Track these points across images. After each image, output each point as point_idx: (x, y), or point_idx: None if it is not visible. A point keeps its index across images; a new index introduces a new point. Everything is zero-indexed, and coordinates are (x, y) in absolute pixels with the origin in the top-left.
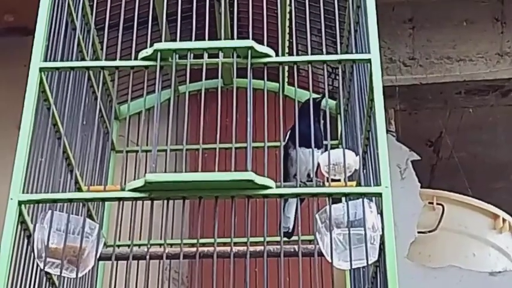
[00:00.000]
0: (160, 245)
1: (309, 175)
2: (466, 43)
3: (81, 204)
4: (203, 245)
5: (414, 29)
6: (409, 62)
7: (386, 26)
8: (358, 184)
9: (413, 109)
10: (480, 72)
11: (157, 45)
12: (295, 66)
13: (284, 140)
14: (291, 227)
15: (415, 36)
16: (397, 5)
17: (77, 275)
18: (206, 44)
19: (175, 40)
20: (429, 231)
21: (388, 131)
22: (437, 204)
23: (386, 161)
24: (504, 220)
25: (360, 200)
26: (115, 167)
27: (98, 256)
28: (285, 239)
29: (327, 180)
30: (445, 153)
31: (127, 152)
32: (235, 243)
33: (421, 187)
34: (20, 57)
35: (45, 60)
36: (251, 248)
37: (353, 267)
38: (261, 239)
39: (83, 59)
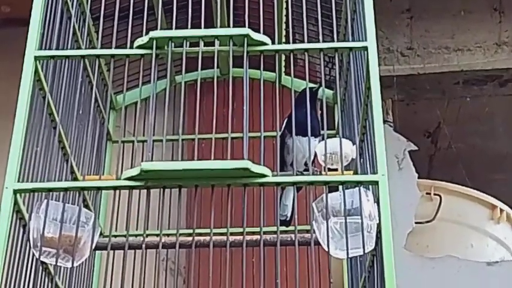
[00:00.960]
0: (156, 235)
1: (306, 164)
2: (464, 33)
3: (77, 193)
4: (200, 234)
5: (412, 19)
6: (407, 52)
7: (384, 16)
8: (355, 173)
9: (411, 99)
10: (478, 62)
11: (152, 33)
12: (291, 56)
13: (280, 129)
14: (289, 214)
15: (413, 26)
16: None
17: (72, 264)
18: (202, 32)
19: (171, 29)
20: (427, 222)
21: (385, 122)
22: (435, 194)
23: (382, 149)
24: (502, 210)
25: (357, 188)
26: (111, 157)
27: (93, 246)
28: (282, 228)
29: (324, 170)
30: (443, 144)
31: (123, 142)
32: (232, 233)
33: (420, 178)
34: (17, 48)
35: (41, 48)
36: (248, 237)
37: (350, 256)
38: (258, 228)
39: (79, 48)
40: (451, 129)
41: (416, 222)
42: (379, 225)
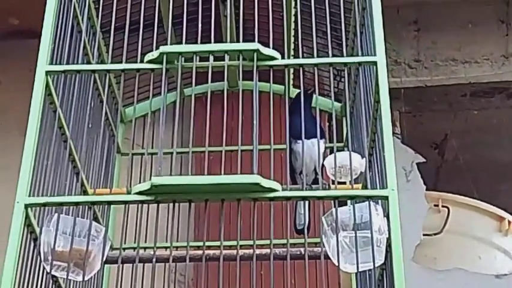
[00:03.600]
0: (166, 247)
1: (315, 169)
2: (471, 45)
3: (87, 207)
4: (209, 247)
5: (419, 31)
6: (414, 64)
7: (391, 28)
8: (364, 187)
9: (419, 111)
10: (485, 74)
11: (163, 48)
12: (300, 69)
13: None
14: (306, 223)
15: (420, 38)
16: (402, 8)
17: (83, 278)
18: (212, 46)
19: (181, 42)
20: (435, 234)
21: (393, 134)
22: (443, 206)
23: (392, 164)
24: (510, 222)
25: (366, 202)
26: (121, 169)
27: (104, 259)
28: (292, 241)
29: (333, 183)
30: (450, 156)
31: (133, 154)
32: (242, 246)
33: (427, 189)
34: (25, 60)
35: (51, 63)
36: (257, 251)
37: (359, 270)
38: (267, 241)
39: (89, 62)
40: (458, 141)
41: (424, 235)
42: (388, 240)
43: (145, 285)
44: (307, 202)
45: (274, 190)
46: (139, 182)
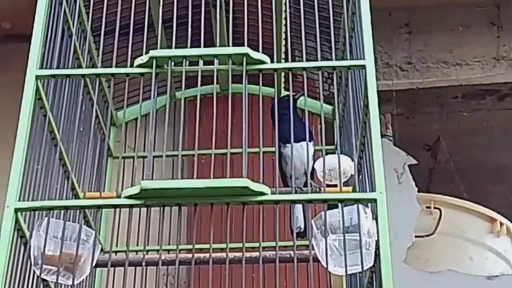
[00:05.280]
0: (156, 250)
1: (305, 173)
2: (463, 47)
3: (77, 210)
4: (200, 250)
5: (411, 33)
6: (405, 67)
7: (382, 31)
8: (354, 190)
9: (411, 113)
10: (477, 76)
11: (152, 53)
12: (290, 73)
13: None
14: (302, 226)
15: (412, 40)
16: (393, 10)
17: (73, 281)
18: (201, 51)
19: (171, 46)
20: (427, 236)
21: (385, 136)
22: (435, 208)
23: (381, 167)
24: (501, 224)
25: (356, 205)
26: (112, 172)
27: (94, 263)
28: (281, 243)
29: (327, 186)
30: (443, 158)
31: (124, 158)
32: (232, 249)
33: (419, 191)
34: (18, 64)
35: (42, 67)
36: (247, 254)
37: (348, 272)
38: (257, 244)
39: (80, 66)
40: (450, 142)
41: (416, 236)
42: (377, 242)
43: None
44: (300, 205)
45: (263, 194)
46: (131, 186)
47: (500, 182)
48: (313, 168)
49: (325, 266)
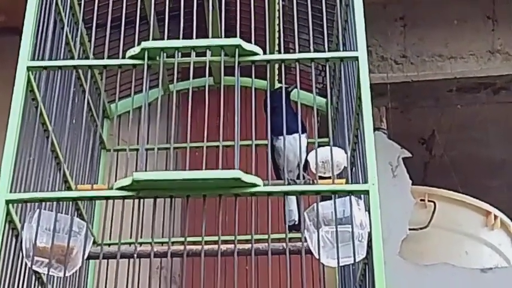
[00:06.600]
0: (149, 243)
1: (299, 166)
2: (458, 41)
3: (70, 203)
4: (192, 243)
5: (406, 27)
6: (400, 60)
7: (377, 24)
8: (347, 182)
9: (405, 107)
10: (471, 69)
11: (144, 44)
12: (283, 65)
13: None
14: (296, 219)
15: (407, 34)
16: (388, 4)
17: (64, 273)
18: (194, 42)
19: (164, 38)
20: (421, 229)
21: (379, 129)
22: (429, 201)
23: (373, 159)
24: (496, 217)
25: (348, 197)
26: (105, 165)
27: (85, 255)
28: (273, 236)
29: (320, 178)
30: (438, 151)
31: (117, 150)
32: (225, 241)
33: (415, 185)
34: (12, 57)
35: (33, 59)
36: (239, 246)
37: (341, 264)
38: (249, 236)
39: (72, 58)
40: (446, 136)
41: (410, 229)
42: (370, 234)
43: (130, 281)
44: (294, 198)
45: (256, 185)
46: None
47: (496, 176)
48: (306, 161)
49: (317, 257)
